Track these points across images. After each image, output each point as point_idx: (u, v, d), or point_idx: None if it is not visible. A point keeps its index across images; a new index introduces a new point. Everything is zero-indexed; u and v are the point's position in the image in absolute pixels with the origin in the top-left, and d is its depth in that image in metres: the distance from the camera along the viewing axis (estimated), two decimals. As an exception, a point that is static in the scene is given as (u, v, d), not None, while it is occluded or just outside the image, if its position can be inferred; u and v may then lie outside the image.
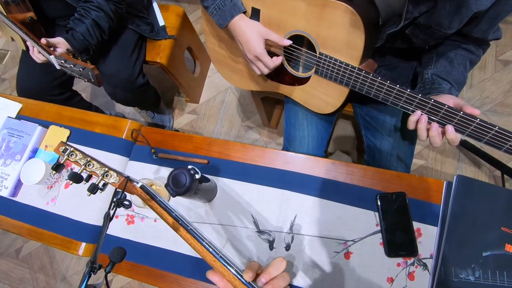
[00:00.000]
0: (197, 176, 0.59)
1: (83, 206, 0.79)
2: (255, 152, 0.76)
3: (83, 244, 0.77)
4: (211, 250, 0.38)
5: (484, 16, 0.60)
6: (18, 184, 0.83)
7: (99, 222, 0.77)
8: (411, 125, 0.65)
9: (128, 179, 0.49)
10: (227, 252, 0.68)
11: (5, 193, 0.82)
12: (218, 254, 0.38)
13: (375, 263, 0.62)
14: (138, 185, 0.49)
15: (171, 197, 0.74)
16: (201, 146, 0.79)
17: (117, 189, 0.49)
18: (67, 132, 0.86)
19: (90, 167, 0.50)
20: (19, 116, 0.92)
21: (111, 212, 0.45)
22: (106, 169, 0.49)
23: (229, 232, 0.70)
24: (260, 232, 0.68)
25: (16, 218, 0.81)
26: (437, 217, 0.63)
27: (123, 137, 0.83)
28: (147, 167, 0.79)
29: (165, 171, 0.78)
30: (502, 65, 1.44)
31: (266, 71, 0.75)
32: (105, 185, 0.50)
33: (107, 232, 0.75)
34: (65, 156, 0.50)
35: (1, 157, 0.85)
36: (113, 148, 0.83)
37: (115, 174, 0.49)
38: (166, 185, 0.58)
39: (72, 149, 0.50)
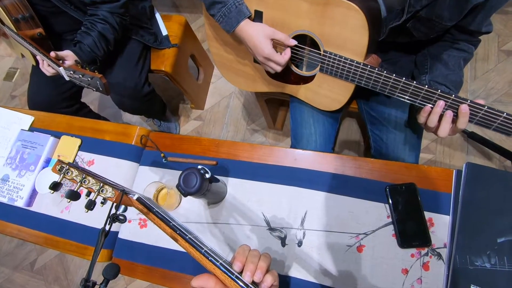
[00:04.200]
0: (207, 176, 0.61)
1: (97, 212, 0.80)
2: (262, 151, 0.76)
3: (98, 250, 0.78)
4: (210, 258, 0.38)
5: (481, 8, 0.61)
6: (33, 194, 0.85)
7: (113, 228, 0.78)
8: (422, 119, 0.66)
9: (124, 192, 0.48)
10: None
11: (21, 203, 0.84)
12: (217, 262, 0.37)
13: (388, 255, 0.62)
14: (135, 197, 0.48)
15: (183, 197, 0.75)
16: (209, 148, 0.80)
17: (114, 203, 0.49)
18: (78, 141, 0.88)
19: (86, 183, 0.49)
20: (31, 129, 0.94)
21: (107, 228, 0.45)
22: (102, 184, 0.48)
23: (241, 231, 0.70)
24: (271, 229, 0.69)
25: (33, 227, 0.83)
26: (448, 206, 0.63)
27: (133, 143, 0.85)
28: (158, 171, 0.81)
29: (175, 174, 0.79)
30: (505, 55, 1.44)
31: (279, 68, 0.75)
32: (105, 199, 0.49)
33: (121, 237, 0.77)
34: (61, 174, 0.50)
35: (16, 168, 0.87)
36: (123, 155, 0.84)
37: (110, 189, 0.49)
38: (177, 185, 0.59)
39: (67, 167, 0.50)
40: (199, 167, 0.61)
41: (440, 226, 0.62)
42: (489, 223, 0.58)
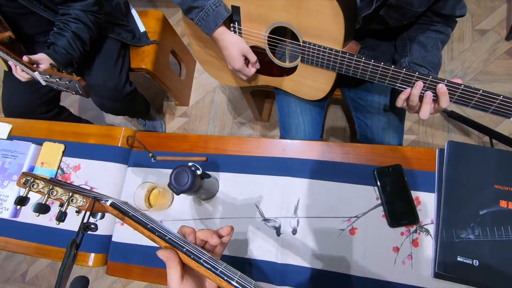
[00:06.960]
0: (199, 172, 0.61)
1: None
2: (251, 143, 0.77)
3: (92, 255, 0.77)
4: (192, 256, 0.39)
5: None
6: (19, 204, 0.83)
7: (106, 232, 0.78)
8: (400, 102, 0.67)
9: (95, 199, 0.45)
10: (236, 244, 0.69)
11: (6, 214, 0.81)
12: (200, 259, 0.38)
13: (379, 235, 0.65)
14: (108, 203, 0.45)
15: (175, 196, 0.74)
16: (197, 144, 0.80)
17: (86, 212, 0.45)
18: (61, 147, 0.85)
19: (54, 194, 0.45)
20: (10, 137, 0.91)
21: (78, 239, 0.42)
22: (71, 193, 0.45)
23: (236, 224, 0.71)
24: (265, 220, 0.70)
25: (21, 238, 0.81)
26: (433, 184, 0.66)
27: (119, 145, 0.84)
28: (147, 171, 0.80)
29: (166, 173, 0.78)
30: (479, 35, 1.48)
31: (245, 78, 0.83)
32: (79, 208, 0.46)
33: (115, 240, 0.76)
34: (27, 188, 0.46)
35: (-2, 179, 0.84)
36: (110, 157, 0.83)
37: (81, 197, 0.45)
38: (169, 184, 0.59)
39: (32, 179, 0.46)
40: (190, 164, 0.60)
41: (426, 203, 0.65)
42: (471, 197, 0.61)
